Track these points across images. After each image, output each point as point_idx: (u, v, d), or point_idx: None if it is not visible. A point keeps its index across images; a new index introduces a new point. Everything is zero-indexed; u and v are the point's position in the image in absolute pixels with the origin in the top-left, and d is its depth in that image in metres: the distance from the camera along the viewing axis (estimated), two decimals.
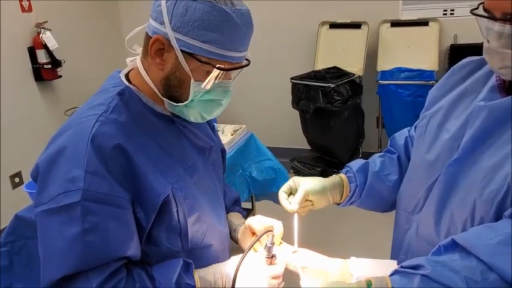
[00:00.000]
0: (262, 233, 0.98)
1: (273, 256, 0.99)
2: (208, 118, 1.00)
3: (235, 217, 1.22)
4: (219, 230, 1.08)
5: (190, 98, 0.93)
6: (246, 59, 0.97)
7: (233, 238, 1.17)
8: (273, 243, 0.98)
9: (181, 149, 1.01)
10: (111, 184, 0.84)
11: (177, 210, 0.93)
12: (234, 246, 1.15)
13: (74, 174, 0.83)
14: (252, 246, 0.95)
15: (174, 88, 0.93)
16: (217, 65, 0.89)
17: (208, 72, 0.90)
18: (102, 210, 0.83)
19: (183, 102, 0.94)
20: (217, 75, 0.91)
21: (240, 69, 0.94)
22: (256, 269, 0.97)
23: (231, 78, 0.96)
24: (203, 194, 1.03)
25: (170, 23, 0.86)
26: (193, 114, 0.97)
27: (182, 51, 0.88)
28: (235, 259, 1.00)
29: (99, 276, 0.82)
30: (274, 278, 0.97)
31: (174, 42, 0.87)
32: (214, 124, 1.25)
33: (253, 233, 1.08)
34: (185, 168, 1.00)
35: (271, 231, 1.00)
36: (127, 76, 1.00)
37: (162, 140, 0.97)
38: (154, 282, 0.90)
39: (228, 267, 0.98)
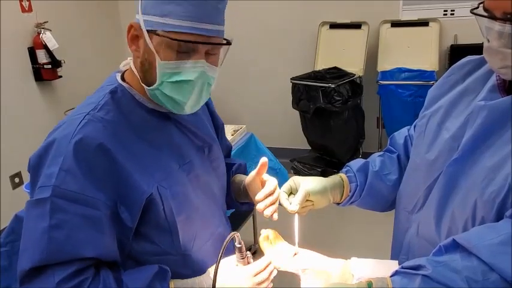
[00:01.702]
0: (229, 238, 0.90)
1: (246, 256, 0.98)
2: (186, 105, 0.94)
3: (239, 177, 1.22)
4: (210, 231, 1.06)
5: (158, 80, 0.91)
6: (228, 41, 0.94)
7: (241, 192, 1.18)
8: (241, 243, 0.96)
9: (177, 145, 1.00)
10: (84, 184, 0.85)
11: (164, 209, 0.92)
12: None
13: (52, 170, 0.85)
14: (221, 254, 0.87)
15: (148, 72, 0.92)
16: (172, 37, 0.86)
17: (173, 49, 0.89)
18: (70, 208, 0.84)
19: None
20: (184, 53, 0.88)
21: (214, 48, 0.91)
22: (234, 272, 0.97)
23: (204, 59, 0.91)
24: (199, 192, 1.03)
25: (141, 7, 0.89)
26: (168, 100, 0.93)
27: (148, 31, 0.88)
28: (212, 270, 0.97)
29: (62, 272, 0.83)
30: (256, 275, 0.97)
31: (142, 24, 0.88)
32: (221, 124, 1.23)
33: (262, 183, 1.09)
34: (182, 164, 0.99)
35: (235, 232, 0.95)
36: (123, 75, 1.01)
37: (154, 137, 0.96)
38: (122, 285, 0.88)
39: (207, 278, 0.98)
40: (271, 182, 1.07)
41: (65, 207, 0.84)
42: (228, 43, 0.94)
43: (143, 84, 0.94)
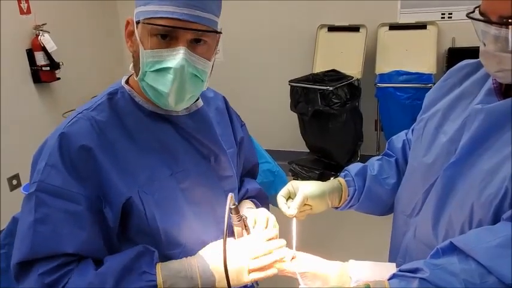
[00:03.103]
0: (229, 201, 0.87)
1: (242, 218, 0.94)
2: (170, 97, 0.91)
3: (244, 204, 1.17)
4: (202, 241, 1.00)
5: (142, 69, 0.90)
6: (215, 30, 0.91)
7: None
8: (234, 204, 0.92)
9: (173, 151, 0.98)
10: (67, 179, 0.86)
11: (146, 214, 0.91)
12: None
13: (40, 166, 0.88)
14: (227, 221, 0.85)
15: (137, 65, 0.92)
16: (152, 22, 0.86)
17: (156, 38, 0.88)
18: (53, 202, 0.86)
19: None
20: (166, 42, 0.87)
21: (199, 36, 0.88)
22: (238, 242, 0.95)
23: (185, 46, 0.88)
24: (193, 202, 0.99)
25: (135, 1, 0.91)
26: (152, 91, 0.92)
27: (136, 22, 0.90)
28: (202, 252, 0.95)
29: (46, 265, 0.85)
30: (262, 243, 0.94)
31: (133, 17, 0.90)
32: (239, 137, 1.18)
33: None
34: (175, 172, 0.96)
35: (231, 194, 0.89)
36: (128, 78, 1.01)
37: (147, 141, 0.95)
38: (101, 266, 0.87)
39: (200, 259, 0.93)
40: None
41: (48, 201, 0.86)
42: (215, 32, 0.91)
43: (136, 79, 0.94)
